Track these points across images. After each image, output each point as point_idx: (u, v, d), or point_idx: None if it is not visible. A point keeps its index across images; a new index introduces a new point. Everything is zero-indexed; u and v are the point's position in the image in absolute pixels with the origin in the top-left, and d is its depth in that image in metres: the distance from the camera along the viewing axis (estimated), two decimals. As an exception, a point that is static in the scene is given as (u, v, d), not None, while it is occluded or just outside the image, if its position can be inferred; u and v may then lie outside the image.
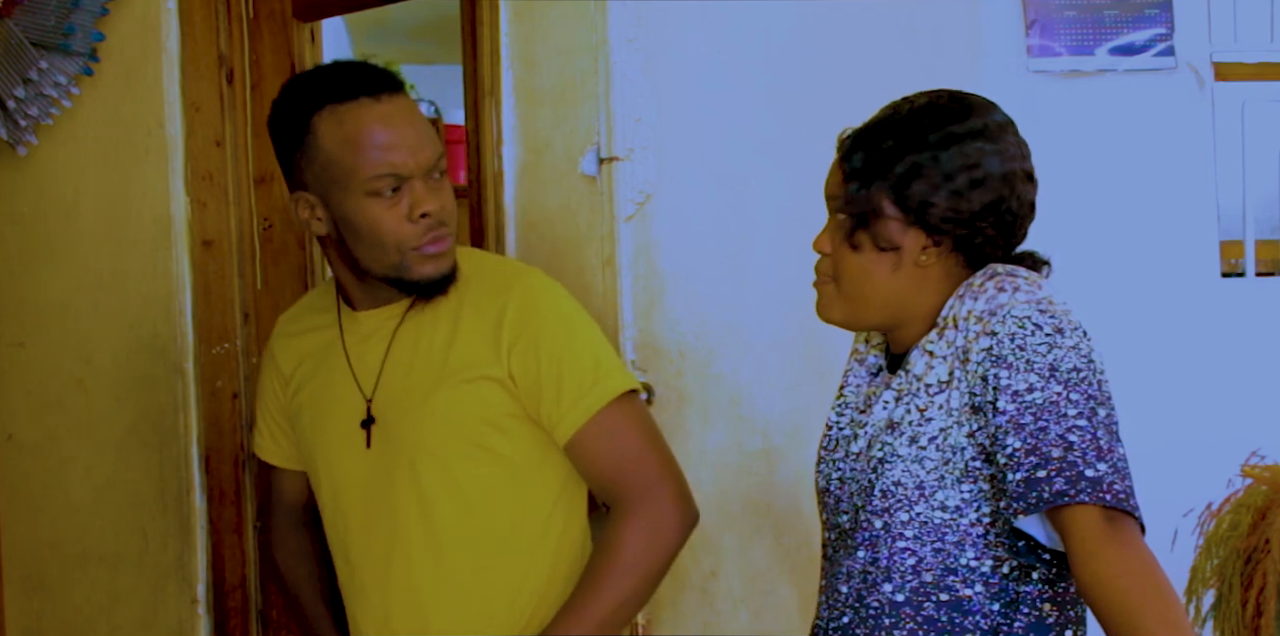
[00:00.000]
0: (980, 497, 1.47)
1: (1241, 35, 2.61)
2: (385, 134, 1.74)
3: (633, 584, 1.77)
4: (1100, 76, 2.53)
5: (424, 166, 1.76)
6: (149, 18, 2.30)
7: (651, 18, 2.15)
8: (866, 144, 1.56)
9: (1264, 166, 2.69)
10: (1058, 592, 1.48)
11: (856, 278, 1.56)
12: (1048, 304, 1.46)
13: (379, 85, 1.77)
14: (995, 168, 1.52)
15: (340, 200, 1.76)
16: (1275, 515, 2.00)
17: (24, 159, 2.32)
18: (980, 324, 1.46)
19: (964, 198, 1.51)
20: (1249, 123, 2.63)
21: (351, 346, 1.86)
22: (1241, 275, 2.68)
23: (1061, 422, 1.38)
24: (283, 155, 1.81)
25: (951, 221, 1.51)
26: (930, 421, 1.49)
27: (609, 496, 1.80)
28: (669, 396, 2.13)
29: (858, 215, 1.54)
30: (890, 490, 1.50)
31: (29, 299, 2.34)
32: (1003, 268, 1.52)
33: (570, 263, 2.15)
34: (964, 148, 1.52)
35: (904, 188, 1.52)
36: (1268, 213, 2.73)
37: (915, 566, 1.49)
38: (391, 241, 1.75)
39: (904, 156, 1.52)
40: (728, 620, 2.16)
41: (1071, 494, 1.34)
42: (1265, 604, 1.97)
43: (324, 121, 1.75)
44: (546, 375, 1.78)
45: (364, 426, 1.82)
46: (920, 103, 1.57)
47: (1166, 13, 2.54)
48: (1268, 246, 2.73)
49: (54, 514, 2.34)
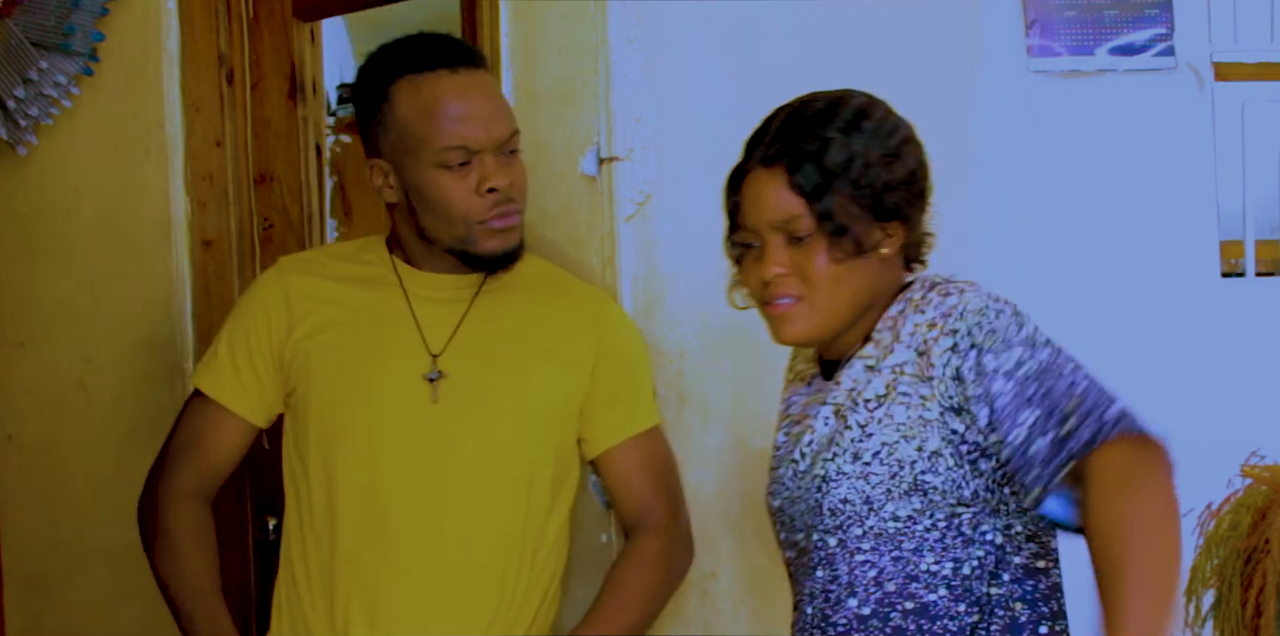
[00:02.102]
0: (931, 507, 1.46)
1: (1241, 35, 2.60)
2: (459, 106, 1.77)
3: (665, 596, 1.91)
4: (1100, 76, 2.52)
5: (495, 141, 1.79)
6: (149, 18, 2.30)
7: (651, 18, 2.14)
8: (810, 154, 1.52)
9: (1264, 166, 2.68)
10: (1026, 590, 1.48)
11: (833, 289, 1.53)
12: (997, 297, 1.49)
13: (458, 58, 1.81)
14: (904, 127, 1.56)
15: (412, 169, 1.79)
16: (1275, 515, 2.00)
17: (24, 159, 2.32)
18: (935, 329, 1.47)
19: (915, 181, 1.54)
20: (1249, 123, 2.63)
21: (417, 303, 1.86)
22: (1241, 275, 2.67)
23: (1063, 379, 1.40)
24: (362, 122, 1.85)
25: (910, 204, 1.54)
26: (871, 437, 1.48)
27: (639, 509, 1.92)
28: (669, 396, 2.13)
29: (835, 227, 1.51)
30: (838, 508, 1.49)
31: (29, 299, 2.34)
32: (938, 276, 1.55)
33: (570, 262, 2.15)
34: (900, 134, 1.55)
35: (868, 185, 1.51)
36: (1268, 213, 2.73)
37: (877, 578, 1.48)
38: (459, 213, 1.79)
39: (856, 154, 1.51)
40: (728, 620, 2.16)
41: (1104, 432, 1.35)
42: (1265, 604, 1.97)
43: (401, 91, 1.79)
44: (619, 383, 1.91)
45: (430, 380, 1.82)
46: (827, 102, 1.58)
47: (1166, 13, 2.54)
48: (1268, 246, 2.73)
49: (54, 514, 2.34)
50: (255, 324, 1.88)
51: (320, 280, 1.90)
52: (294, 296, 1.88)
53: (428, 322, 1.86)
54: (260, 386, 1.88)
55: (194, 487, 1.88)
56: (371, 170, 1.84)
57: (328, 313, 1.87)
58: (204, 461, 1.89)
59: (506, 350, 1.87)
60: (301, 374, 1.85)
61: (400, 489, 1.81)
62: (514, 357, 1.86)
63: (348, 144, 4.11)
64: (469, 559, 1.81)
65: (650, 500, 1.91)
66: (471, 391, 1.84)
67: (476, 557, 1.81)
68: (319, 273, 1.91)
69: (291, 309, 1.87)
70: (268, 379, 1.88)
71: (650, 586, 1.87)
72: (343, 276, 1.91)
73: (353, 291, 1.89)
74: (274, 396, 1.89)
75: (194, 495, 1.87)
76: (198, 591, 1.84)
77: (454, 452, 1.82)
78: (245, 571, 2.39)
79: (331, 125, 3.92)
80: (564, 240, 2.17)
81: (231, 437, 1.89)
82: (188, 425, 1.91)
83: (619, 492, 1.92)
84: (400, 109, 1.79)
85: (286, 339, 1.86)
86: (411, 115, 1.78)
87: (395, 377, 1.84)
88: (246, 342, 1.88)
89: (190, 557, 1.85)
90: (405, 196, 1.82)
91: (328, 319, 1.87)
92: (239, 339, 1.88)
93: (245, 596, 2.38)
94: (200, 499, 1.88)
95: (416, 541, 1.81)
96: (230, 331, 1.90)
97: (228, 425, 1.88)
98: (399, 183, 1.81)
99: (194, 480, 1.88)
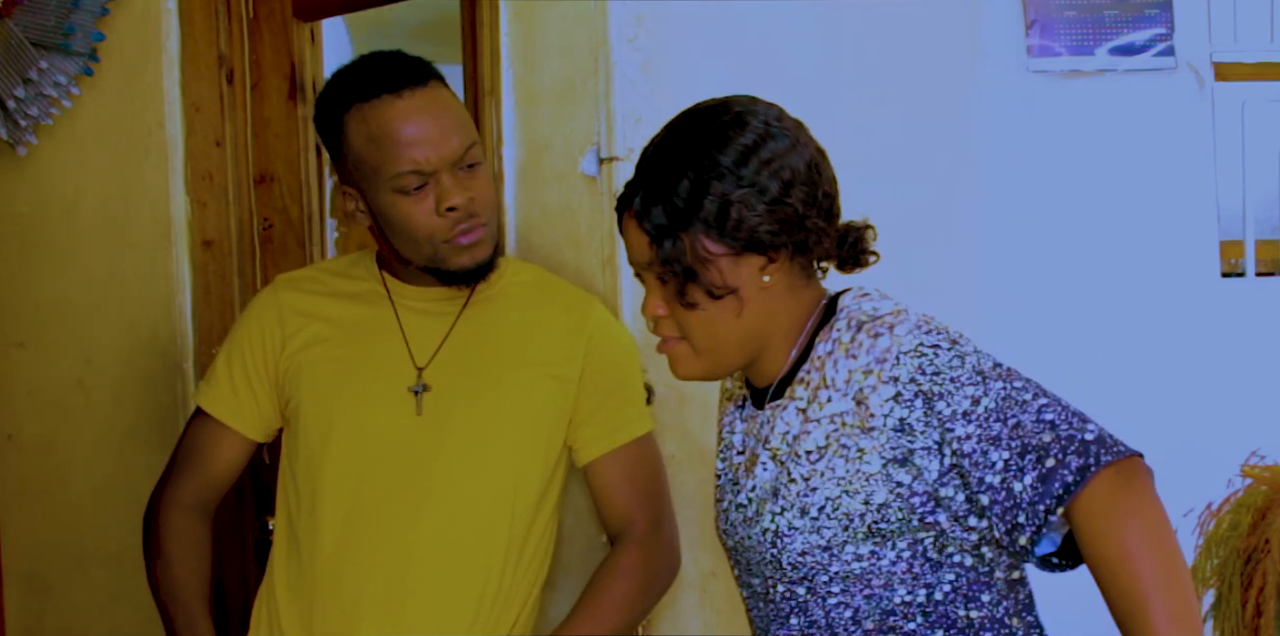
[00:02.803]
0: (892, 537, 1.41)
1: (1241, 35, 2.61)
2: (408, 130, 1.77)
3: (642, 607, 1.91)
4: (1100, 76, 2.52)
5: (449, 159, 1.78)
6: (149, 18, 2.30)
7: (651, 18, 2.14)
8: (656, 196, 1.45)
9: (1264, 166, 2.69)
10: (1016, 602, 1.45)
11: (706, 332, 1.47)
12: (925, 323, 1.41)
13: (402, 80, 1.79)
14: (799, 162, 1.44)
15: (373, 196, 1.81)
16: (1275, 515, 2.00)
17: (24, 159, 2.32)
18: (872, 376, 1.39)
19: (784, 204, 1.42)
20: (1249, 123, 2.63)
21: (405, 316, 1.88)
22: (1241, 275, 2.68)
23: (1028, 409, 1.34)
24: (330, 152, 1.87)
25: (782, 231, 1.43)
26: (815, 491, 1.43)
27: (621, 520, 1.91)
28: (669, 396, 2.13)
29: (682, 271, 1.44)
30: (799, 562, 1.45)
31: (29, 299, 2.34)
32: (861, 312, 1.45)
33: (570, 262, 2.15)
34: (760, 155, 1.43)
35: (724, 220, 1.42)
36: (1268, 213, 2.73)
37: (854, 617, 1.44)
38: (423, 235, 1.80)
39: (707, 191, 1.42)
40: (728, 620, 2.16)
41: (1092, 463, 1.30)
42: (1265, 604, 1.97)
43: (351, 120, 1.80)
44: (606, 390, 1.90)
45: (415, 393, 1.83)
46: (684, 131, 1.48)
47: (1166, 13, 2.54)
48: (1268, 246, 2.73)
49: (54, 514, 2.34)
50: (251, 341, 1.92)
51: (312, 296, 1.93)
52: (287, 312, 1.91)
53: (415, 335, 1.88)
54: (257, 402, 1.91)
55: (192, 500, 1.91)
56: (344, 197, 1.86)
57: (318, 327, 1.90)
58: (203, 475, 1.92)
59: (492, 361, 1.88)
60: (294, 387, 1.89)
61: (383, 500, 1.83)
62: (499, 369, 1.87)
63: (348, 144, 4.11)
64: (449, 571, 1.82)
65: (633, 511, 1.92)
66: (455, 404, 1.85)
67: (456, 569, 1.82)
68: (311, 289, 1.95)
69: (285, 324, 1.90)
70: (264, 395, 1.91)
71: (624, 597, 1.87)
72: (334, 292, 1.94)
73: (343, 306, 1.92)
74: (271, 412, 1.92)
75: (191, 507, 1.91)
76: (181, 598, 1.86)
77: (438, 465, 1.83)
78: (245, 571, 2.39)
79: (331, 125, 3.91)
80: (564, 240, 2.17)
81: (230, 453, 1.93)
82: (189, 440, 1.95)
83: (603, 502, 1.93)
84: (353, 139, 1.79)
85: (280, 354, 1.90)
86: (363, 144, 1.79)
87: (381, 390, 1.85)
88: (243, 359, 1.92)
89: (178, 566, 1.88)
90: (375, 221, 1.84)
91: (318, 333, 1.90)
92: (236, 356, 1.92)
93: (245, 596, 2.38)
94: (197, 511, 1.92)
95: (396, 553, 1.82)
96: (228, 349, 1.95)
97: (226, 441, 1.92)
98: (367, 208, 1.83)
99: (192, 493, 1.92)
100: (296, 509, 1.87)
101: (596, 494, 1.93)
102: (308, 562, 1.84)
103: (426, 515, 1.82)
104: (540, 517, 1.89)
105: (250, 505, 2.39)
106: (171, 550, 1.89)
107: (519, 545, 1.85)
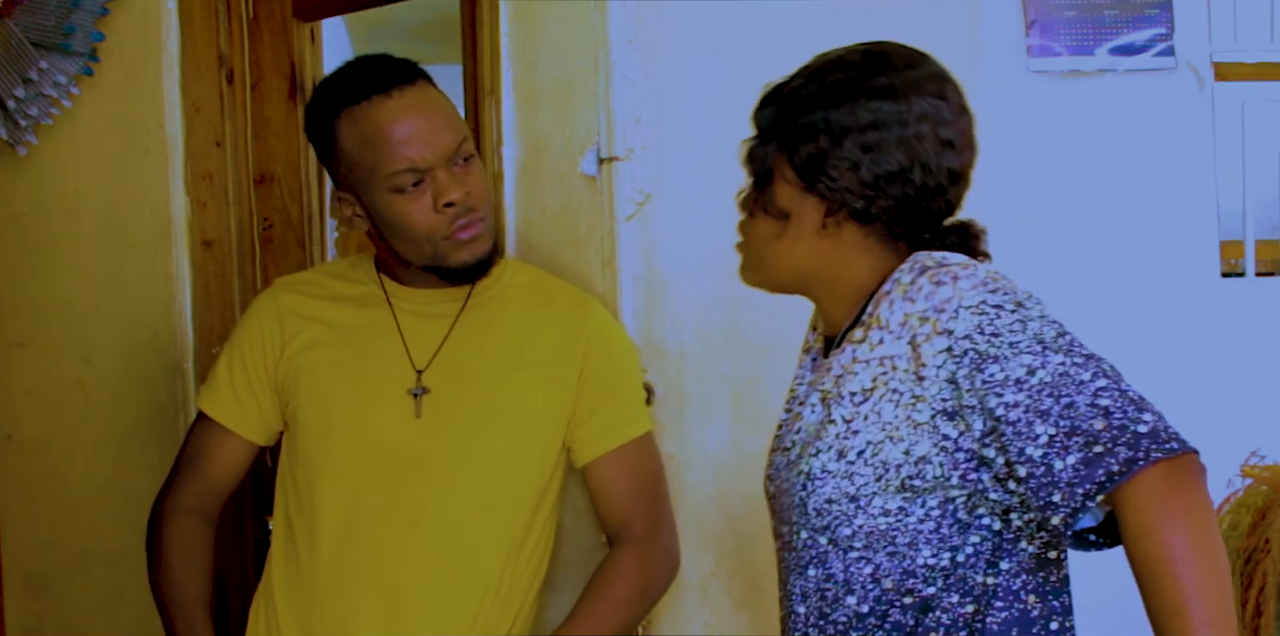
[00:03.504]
0: (923, 493, 1.38)
1: (1241, 35, 2.61)
2: (399, 129, 1.77)
3: (641, 609, 1.91)
4: (1100, 76, 2.52)
5: (443, 155, 1.79)
6: (149, 18, 2.30)
7: (651, 18, 2.14)
8: (775, 99, 1.48)
9: (1264, 166, 2.69)
10: (1037, 581, 1.41)
11: (757, 243, 1.50)
12: (993, 281, 1.37)
13: (389, 80, 1.80)
14: (892, 132, 1.41)
15: (369, 198, 1.81)
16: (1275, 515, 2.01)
17: (24, 159, 2.32)
18: (928, 325, 1.35)
19: (854, 164, 1.40)
20: (1249, 123, 2.63)
21: (404, 319, 1.88)
22: (1241, 275, 2.68)
23: (1084, 390, 1.28)
24: (322, 159, 1.87)
25: (843, 190, 1.41)
26: (856, 434, 1.40)
27: (619, 521, 1.91)
28: (669, 396, 2.13)
29: (755, 175, 1.47)
30: (824, 508, 1.42)
31: (29, 299, 2.34)
32: (929, 258, 1.41)
33: (570, 263, 2.15)
34: (857, 107, 1.41)
35: (795, 150, 1.43)
36: (1268, 213, 2.73)
37: (873, 574, 1.41)
38: (422, 233, 1.80)
39: (798, 116, 1.43)
40: (728, 620, 2.16)
41: (1141, 458, 1.25)
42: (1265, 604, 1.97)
43: (342, 124, 1.80)
44: (604, 391, 1.90)
45: (414, 396, 1.83)
46: (833, 56, 1.47)
47: (1166, 13, 2.54)
48: (1268, 246, 2.73)
49: (54, 514, 2.34)
50: (251, 344, 1.92)
51: (311, 299, 1.94)
52: (286, 315, 1.91)
53: (414, 338, 1.88)
54: (258, 406, 1.91)
55: (194, 504, 1.92)
56: (340, 203, 1.86)
57: (317, 330, 1.90)
58: (205, 479, 1.93)
59: (491, 363, 1.88)
60: (293, 390, 1.89)
61: (382, 503, 1.83)
62: (498, 371, 1.87)
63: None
64: (447, 572, 1.82)
65: (630, 513, 1.91)
66: (454, 406, 1.85)
67: (455, 570, 1.82)
68: (310, 292, 1.95)
69: (284, 327, 1.91)
70: (265, 398, 1.91)
71: (623, 598, 1.87)
72: (333, 295, 1.94)
73: (342, 309, 1.92)
74: (272, 415, 1.92)
75: (193, 511, 1.91)
76: (181, 602, 1.87)
77: (437, 467, 1.84)
78: (245, 571, 2.39)
79: (331, 125, 3.91)
80: (564, 240, 2.17)
81: (232, 456, 1.93)
82: (191, 444, 1.96)
83: (600, 504, 1.93)
84: (345, 142, 1.80)
85: (280, 357, 1.90)
86: (356, 147, 1.79)
87: (380, 393, 1.86)
88: (243, 363, 1.92)
89: (180, 570, 1.88)
90: (373, 224, 1.84)
91: (317, 336, 1.90)
92: (236, 360, 1.93)
93: (245, 596, 2.38)
94: (199, 514, 1.92)
95: (395, 554, 1.82)
96: (228, 353, 1.95)
97: (228, 444, 1.93)
98: (364, 211, 1.84)
99: (194, 497, 1.92)
100: (295, 510, 1.87)
101: (595, 494, 1.93)
102: (306, 564, 1.84)
103: (425, 517, 1.82)
104: (539, 518, 1.89)
105: (250, 505, 2.39)
106: (173, 554, 1.89)
107: (517, 546, 1.85)
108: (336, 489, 1.84)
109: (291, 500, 1.88)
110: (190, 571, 1.88)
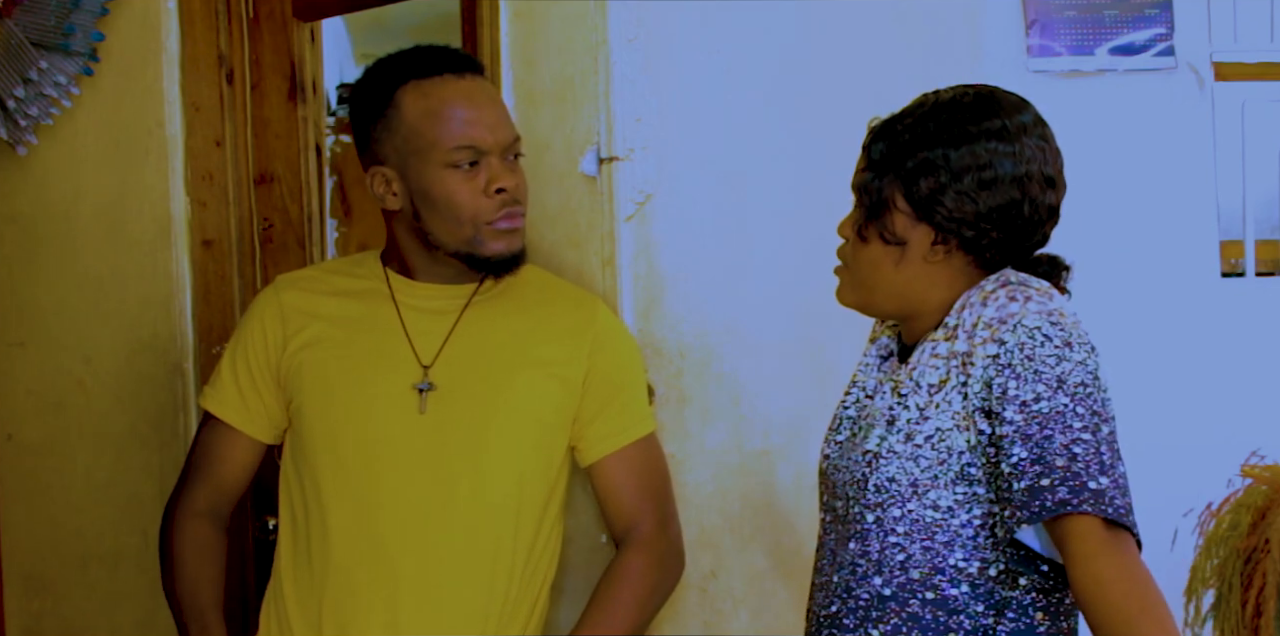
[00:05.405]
0: (973, 500, 1.47)
1: (1241, 35, 2.61)
2: (467, 109, 1.81)
3: (652, 609, 1.91)
4: (1100, 76, 2.52)
5: (502, 144, 1.83)
6: (149, 18, 2.30)
7: (651, 18, 2.14)
8: (888, 135, 1.56)
9: (1264, 166, 2.68)
10: (1051, 603, 1.49)
11: (865, 268, 1.59)
12: (1059, 316, 1.46)
13: (463, 65, 1.85)
14: (1007, 170, 1.52)
15: (419, 172, 1.82)
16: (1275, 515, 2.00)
17: (24, 159, 2.32)
18: (989, 330, 1.47)
19: (972, 199, 1.51)
20: (1249, 123, 2.63)
21: (408, 314, 1.88)
22: (1241, 275, 2.67)
23: (1066, 433, 1.39)
24: (361, 129, 1.87)
25: (958, 221, 1.52)
26: (927, 420, 1.50)
27: (627, 521, 1.91)
28: (669, 396, 2.13)
29: (869, 206, 1.56)
30: (884, 485, 1.51)
31: (29, 299, 2.34)
32: (1016, 276, 1.53)
33: (570, 262, 2.15)
34: (975, 147, 1.52)
35: (913, 183, 1.52)
36: (1268, 213, 2.73)
37: (904, 562, 1.50)
38: (467, 214, 1.81)
39: (916, 151, 1.53)
40: (728, 620, 2.16)
41: (1074, 503, 1.35)
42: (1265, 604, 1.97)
43: (408, 94, 1.82)
44: (610, 391, 1.90)
45: (420, 391, 1.83)
46: (946, 97, 1.57)
47: (1166, 13, 2.54)
48: (1268, 246, 2.73)
49: (54, 514, 2.34)
50: (253, 342, 1.92)
51: (314, 295, 1.93)
52: (288, 311, 1.91)
53: (419, 334, 1.88)
54: (264, 404, 1.91)
55: (205, 506, 1.92)
56: (373, 179, 1.86)
57: (320, 326, 1.90)
58: (215, 480, 1.93)
59: (496, 360, 1.88)
60: (296, 387, 1.88)
61: (390, 500, 1.83)
62: (504, 368, 1.87)
63: (348, 144, 4.11)
64: (459, 569, 1.82)
65: (638, 512, 1.92)
66: (460, 402, 1.85)
67: (466, 568, 1.82)
68: (313, 288, 1.94)
69: (286, 324, 1.90)
70: (269, 396, 1.91)
71: (635, 599, 1.88)
72: (336, 291, 1.93)
73: (345, 305, 1.91)
74: (279, 413, 1.92)
75: (204, 513, 1.92)
76: (194, 605, 1.88)
77: (443, 463, 1.83)
78: (244, 571, 2.39)
79: (331, 125, 3.92)
80: (564, 240, 2.17)
81: (241, 456, 1.93)
82: (199, 446, 1.96)
83: (607, 504, 1.93)
84: (407, 112, 1.81)
85: (282, 353, 1.90)
86: (419, 118, 1.81)
87: (386, 389, 1.85)
88: (247, 361, 1.92)
89: (192, 573, 1.89)
90: (410, 202, 1.84)
91: (320, 332, 1.89)
92: (240, 358, 1.93)
93: (245, 596, 2.38)
94: (211, 517, 1.93)
95: (406, 552, 1.82)
96: (231, 352, 1.95)
97: (236, 444, 1.93)
98: (403, 188, 1.83)
99: (205, 499, 1.93)
100: (301, 508, 1.87)
101: (601, 494, 1.93)
102: (315, 562, 1.84)
103: (435, 514, 1.82)
104: (548, 517, 1.89)
105: (250, 505, 2.39)
106: (186, 558, 1.90)
107: (528, 544, 1.85)
108: (343, 485, 1.84)
109: (296, 497, 1.87)
110: (204, 575, 1.89)
